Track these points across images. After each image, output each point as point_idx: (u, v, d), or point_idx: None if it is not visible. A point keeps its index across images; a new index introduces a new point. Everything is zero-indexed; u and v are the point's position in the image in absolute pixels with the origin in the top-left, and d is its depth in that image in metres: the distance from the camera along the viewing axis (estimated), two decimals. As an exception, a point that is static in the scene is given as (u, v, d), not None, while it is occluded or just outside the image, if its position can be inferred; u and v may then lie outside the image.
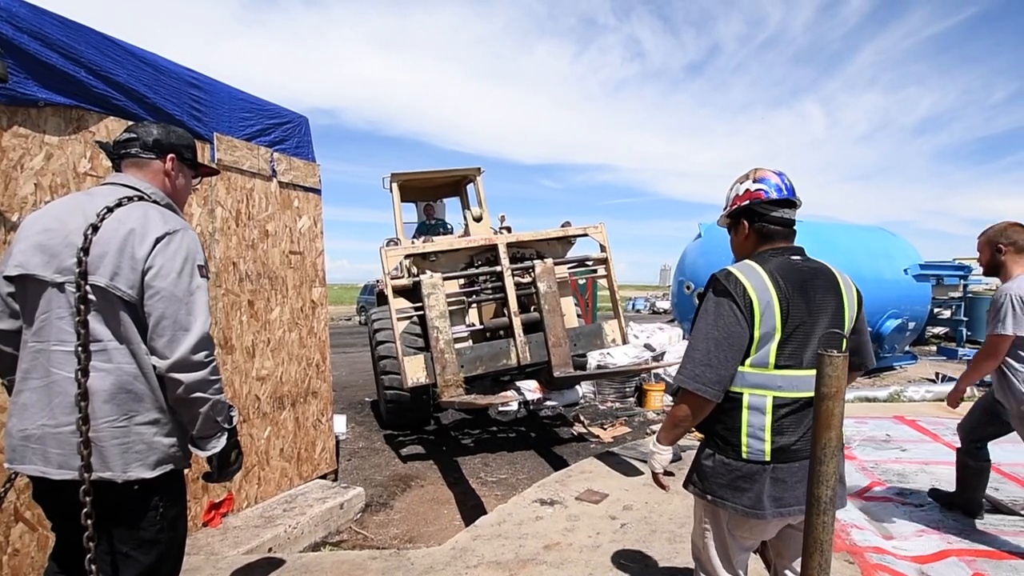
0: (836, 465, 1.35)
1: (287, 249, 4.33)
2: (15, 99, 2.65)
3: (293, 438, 4.31)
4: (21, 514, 2.65)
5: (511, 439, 6.29)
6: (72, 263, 1.55)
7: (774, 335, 1.62)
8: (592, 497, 3.62)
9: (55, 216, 1.63)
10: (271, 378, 4.10)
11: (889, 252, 10.01)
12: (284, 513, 3.75)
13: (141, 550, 1.63)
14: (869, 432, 5.09)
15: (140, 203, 1.66)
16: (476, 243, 5.22)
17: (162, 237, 1.60)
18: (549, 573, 2.75)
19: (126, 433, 1.56)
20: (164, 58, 3.39)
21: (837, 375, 1.33)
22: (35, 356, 1.58)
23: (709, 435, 1.74)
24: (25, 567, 2.68)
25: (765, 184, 1.76)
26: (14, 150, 2.68)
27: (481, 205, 8.06)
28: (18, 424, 1.58)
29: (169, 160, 1.79)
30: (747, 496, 1.63)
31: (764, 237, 1.76)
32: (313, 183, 4.61)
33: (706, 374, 1.61)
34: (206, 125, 3.67)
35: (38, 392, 1.56)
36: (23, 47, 2.64)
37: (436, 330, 4.70)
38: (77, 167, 2.94)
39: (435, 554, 2.98)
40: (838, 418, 1.35)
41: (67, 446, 1.53)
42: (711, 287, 1.69)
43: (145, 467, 1.59)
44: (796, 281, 1.65)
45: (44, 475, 1.55)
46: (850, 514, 3.42)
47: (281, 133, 4.31)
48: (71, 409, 1.53)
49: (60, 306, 1.56)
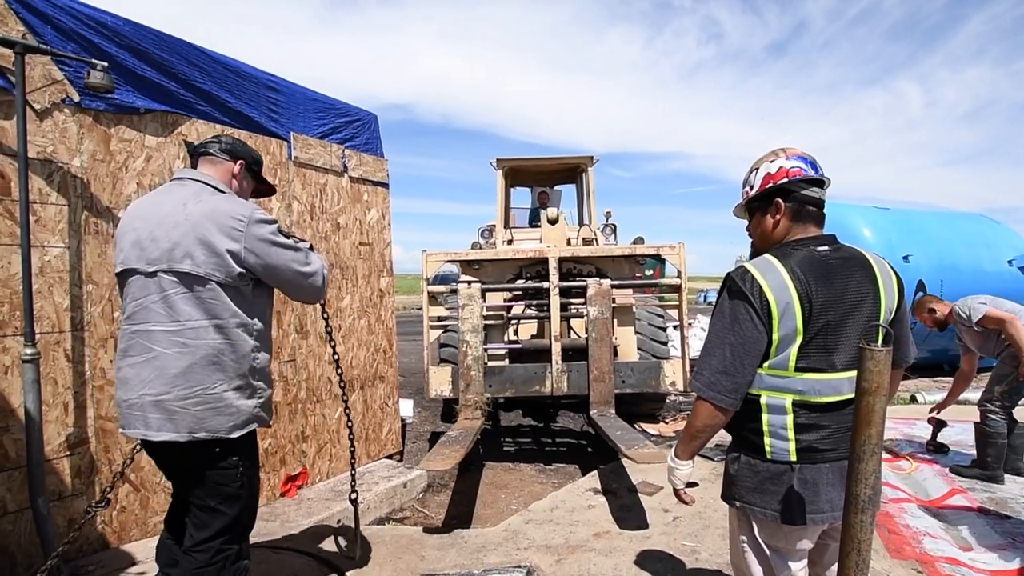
0: (876, 463, 1.32)
1: (357, 240, 4.57)
2: (120, 108, 2.97)
3: (362, 419, 4.58)
4: (127, 476, 3.00)
5: (572, 430, 6.34)
6: (159, 254, 1.77)
7: (795, 338, 1.51)
8: (646, 489, 3.62)
9: (140, 214, 1.86)
10: (342, 362, 4.36)
11: (991, 241, 9.17)
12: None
13: (227, 504, 1.85)
14: (956, 436, 4.74)
15: (212, 194, 1.87)
16: (525, 254, 4.81)
17: (239, 224, 1.79)
18: (597, 560, 2.80)
19: (214, 399, 1.77)
20: (245, 64, 3.67)
21: (879, 370, 1.29)
22: (132, 336, 1.81)
23: (734, 437, 1.68)
24: (130, 523, 3.04)
25: (800, 162, 1.63)
26: (120, 153, 3.01)
27: (590, 197, 7.76)
28: (122, 395, 1.82)
29: (238, 165, 2.03)
30: (776, 500, 1.55)
31: (798, 219, 1.63)
32: (381, 177, 4.82)
33: (722, 382, 1.53)
34: (283, 126, 3.94)
35: (136, 367, 1.79)
36: (124, 62, 2.95)
37: (466, 344, 4.46)
38: (172, 167, 3.25)
39: (488, 535, 3.11)
40: (879, 415, 1.31)
41: (164, 411, 1.75)
42: (726, 287, 1.60)
43: (236, 425, 1.81)
44: (822, 276, 1.52)
45: (145, 437, 1.79)
46: (924, 521, 3.23)
47: (351, 130, 4.54)
48: (166, 380, 1.75)
49: (152, 292, 1.78)
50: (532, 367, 4.57)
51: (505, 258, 4.88)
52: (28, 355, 2.50)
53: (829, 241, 1.62)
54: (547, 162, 7.91)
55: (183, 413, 1.74)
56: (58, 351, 2.75)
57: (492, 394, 4.49)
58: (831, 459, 1.54)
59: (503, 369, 4.62)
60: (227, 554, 1.85)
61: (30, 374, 2.51)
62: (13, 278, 2.58)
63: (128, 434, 1.84)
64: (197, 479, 1.81)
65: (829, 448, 1.55)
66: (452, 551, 2.88)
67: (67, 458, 2.79)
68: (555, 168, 8.14)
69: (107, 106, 2.90)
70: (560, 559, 2.81)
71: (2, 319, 2.57)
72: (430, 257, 4.73)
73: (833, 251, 1.59)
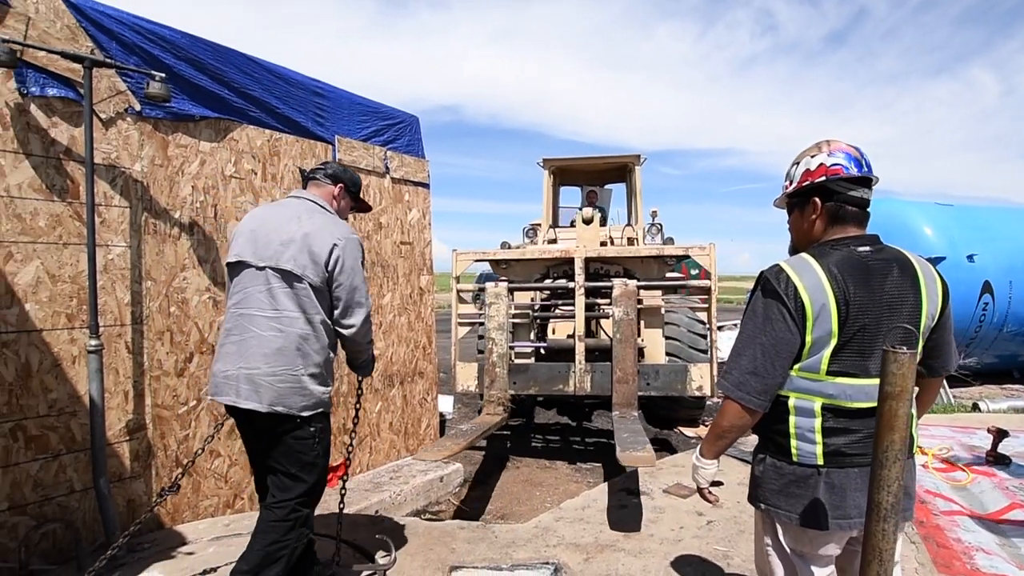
0: (899, 470, 1.28)
1: (398, 240, 4.69)
2: (176, 116, 3.16)
3: (401, 414, 4.70)
4: (181, 461, 3.19)
5: (606, 431, 6.29)
6: (270, 253, 2.13)
7: (829, 341, 1.47)
8: (680, 491, 3.58)
9: (258, 217, 2.25)
10: (382, 358, 4.50)
11: (1069, 241, 8.52)
12: (390, 481, 4.12)
13: (305, 471, 2.16)
14: (1020, 447, 4.46)
15: (321, 213, 2.26)
16: (551, 254, 4.87)
17: (338, 242, 2.14)
18: (625, 560, 2.79)
19: (295, 379, 2.09)
20: (293, 70, 3.84)
21: (903, 373, 1.25)
22: (237, 318, 2.15)
23: (760, 438, 1.65)
24: (183, 505, 3.24)
25: (843, 158, 1.55)
26: (176, 158, 3.21)
27: (636, 196, 7.75)
28: (221, 367, 2.14)
29: (338, 187, 2.39)
30: (801, 503, 1.51)
31: (836, 220, 1.56)
32: (422, 178, 4.93)
33: (751, 383, 1.50)
34: (328, 129, 4.09)
35: (237, 344, 2.12)
36: (181, 72, 3.14)
37: (491, 342, 4.54)
38: (224, 171, 3.44)
39: (518, 530, 3.14)
40: (903, 420, 1.27)
41: (252, 384, 2.07)
42: (760, 286, 1.55)
43: (305, 407, 2.11)
44: (861, 278, 1.47)
45: (234, 404, 2.09)
46: (978, 536, 3.06)
47: (394, 133, 4.67)
48: (259, 358, 2.08)
49: (259, 283, 2.13)
50: (556, 366, 4.60)
51: (532, 258, 4.94)
52: (93, 346, 2.71)
53: (871, 241, 1.55)
54: (593, 162, 7.89)
55: (267, 388, 2.06)
56: (119, 343, 2.96)
57: (516, 391, 4.54)
58: (860, 464, 1.50)
59: (527, 367, 4.67)
60: (299, 515, 2.16)
61: (94, 364, 2.72)
62: (80, 275, 2.79)
63: (218, 400, 2.15)
64: (280, 445, 2.13)
65: (858, 453, 1.50)
66: (482, 545, 2.93)
67: (127, 443, 3.00)
68: (602, 167, 8.10)
69: (165, 114, 3.10)
70: (589, 557, 2.82)
71: (71, 312, 2.78)
72: (460, 256, 4.86)
73: (874, 252, 1.53)
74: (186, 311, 3.24)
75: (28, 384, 2.65)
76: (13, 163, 2.60)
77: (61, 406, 2.75)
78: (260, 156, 3.63)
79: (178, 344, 3.21)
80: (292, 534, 2.15)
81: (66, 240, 2.77)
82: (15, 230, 2.61)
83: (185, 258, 3.24)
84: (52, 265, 2.72)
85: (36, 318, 2.67)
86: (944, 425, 5.41)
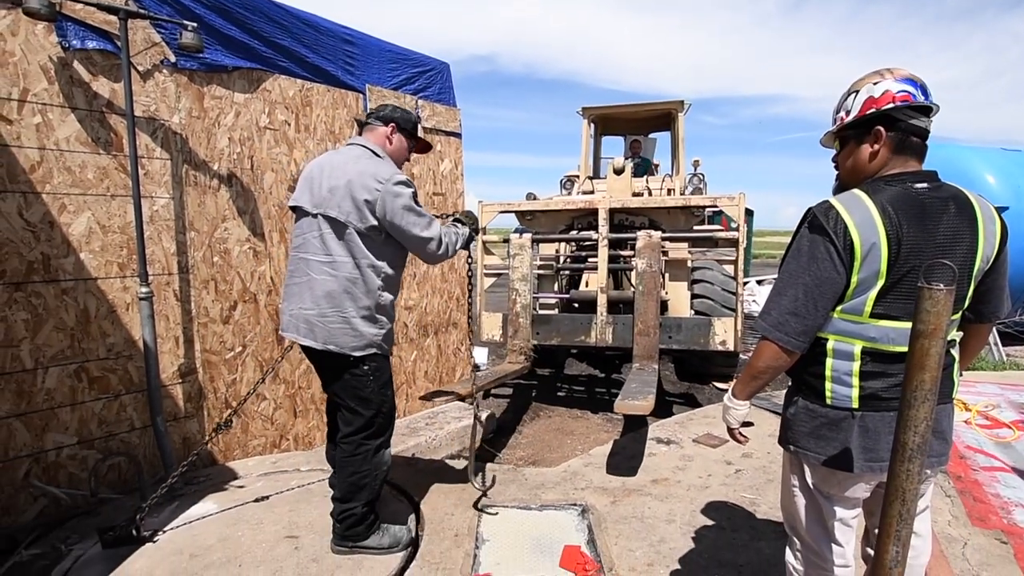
0: (928, 411, 1.25)
1: (431, 191, 4.70)
2: (210, 67, 3.20)
3: (435, 363, 4.83)
4: (230, 403, 3.38)
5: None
6: (320, 200, 2.22)
7: (875, 281, 1.41)
8: (710, 441, 3.59)
9: (318, 164, 2.33)
10: (417, 308, 4.59)
11: None
12: (426, 427, 4.27)
13: (362, 405, 2.30)
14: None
15: (369, 159, 2.28)
16: (575, 205, 4.84)
17: (379, 187, 2.16)
18: (652, 504, 2.85)
19: (344, 320, 2.22)
20: (322, 18, 3.81)
21: (937, 311, 1.21)
22: (297, 262, 2.30)
23: (793, 380, 1.63)
24: (233, 444, 3.45)
25: (909, 85, 1.45)
26: (212, 110, 3.26)
27: (679, 146, 7.56)
28: (287, 307, 2.32)
29: (390, 127, 2.41)
30: (832, 446, 1.50)
31: (900, 150, 1.48)
32: (454, 127, 4.89)
33: (791, 323, 1.46)
34: (359, 78, 4.07)
35: (299, 286, 2.28)
36: (212, 22, 3.16)
37: (515, 292, 4.61)
38: (259, 122, 3.49)
39: (547, 474, 3.24)
40: (934, 359, 1.24)
41: (307, 323, 2.24)
42: (806, 221, 1.49)
43: (357, 347, 2.24)
44: (916, 216, 1.39)
45: (296, 340, 2.29)
46: (1018, 492, 2.99)
47: (424, 81, 4.61)
48: (313, 299, 2.22)
49: (313, 229, 2.24)
50: (579, 317, 4.61)
51: (556, 209, 4.91)
52: (143, 293, 2.86)
53: (929, 177, 1.46)
54: (634, 109, 7.63)
55: (320, 327, 2.22)
56: (168, 291, 3.11)
57: (539, 341, 4.60)
58: (895, 408, 1.47)
59: (550, 318, 4.71)
60: (368, 448, 2.33)
61: (146, 310, 2.88)
62: (129, 225, 2.92)
63: (285, 335, 2.34)
64: (338, 380, 2.30)
65: (895, 397, 1.46)
66: (512, 487, 3.04)
67: (179, 385, 3.19)
68: (644, 115, 7.83)
69: (199, 65, 3.14)
70: (615, 500, 2.89)
71: (122, 261, 2.93)
72: (485, 207, 4.89)
73: (932, 189, 1.44)
74: (228, 261, 3.37)
75: (88, 329, 2.83)
76: (60, 117, 2.70)
77: (119, 350, 2.94)
78: (293, 107, 3.66)
79: (222, 293, 3.35)
80: (367, 465, 2.32)
81: (113, 192, 2.88)
82: (66, 182, 2.73)
83: (225, 209, 3.34)
84: (102, 216, 2.85)
85: (91, 267, 2.83)
86: (993, 383, 5.22)
